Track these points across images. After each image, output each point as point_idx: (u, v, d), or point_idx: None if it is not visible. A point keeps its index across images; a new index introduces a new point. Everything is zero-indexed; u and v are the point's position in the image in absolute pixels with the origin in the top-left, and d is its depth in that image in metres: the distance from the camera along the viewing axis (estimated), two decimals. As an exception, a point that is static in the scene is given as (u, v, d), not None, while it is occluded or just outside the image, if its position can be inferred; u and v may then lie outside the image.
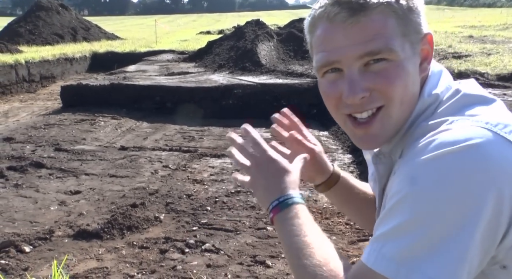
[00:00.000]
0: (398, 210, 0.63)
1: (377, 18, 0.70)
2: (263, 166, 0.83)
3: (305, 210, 0.79)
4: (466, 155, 0.61)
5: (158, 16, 53.07)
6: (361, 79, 0.72)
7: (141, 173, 4.26)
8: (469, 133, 0.63)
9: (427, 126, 0.70)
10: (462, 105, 0.71)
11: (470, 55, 8.89)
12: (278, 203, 0.79)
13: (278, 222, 0.79)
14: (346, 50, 0.71)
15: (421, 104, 0.75)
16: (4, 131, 5.75)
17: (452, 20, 23.46)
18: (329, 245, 0.75)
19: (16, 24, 15.46)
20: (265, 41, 9.30)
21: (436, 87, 0.76)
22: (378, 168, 0.81)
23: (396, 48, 0.70)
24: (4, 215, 3.38)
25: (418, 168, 0.64)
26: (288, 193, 0.80)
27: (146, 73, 8.55)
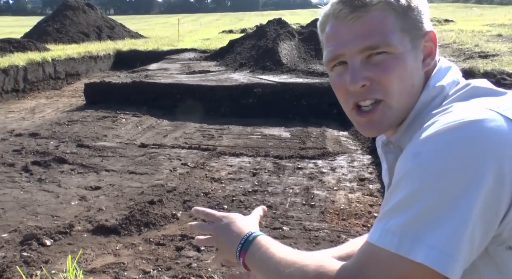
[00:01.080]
0: (401, 186, 0.65)
1: (376, 14, 0.76)
2: (220, 224, 0.92)
3: (267, 238, 0.86)
4: (466, 129, 0.63)
5: (182, 15, 53.57)
6: (362, 69, 0.77)
7: (160, 170, 4.31)
8: (470, 111, 0.66)
9: (434, 113, 0.73)
10: (469, 96, 0.73)
11: (497, 55, 8.62)
12: (242, 245, 0.86)
13: (249, 261, 0.85)
14: (348, 43, 0.77)
15: (426, 94, 0.78)
16: (31, 127, 5.91)
17: (480, 19, 22.82)
18: (303, 253, 0.80)
19: (44, 23, 15.86)
20: (286, 40, 9.27)
21: (442, 80, 0.79)
22: (388, 157, 0.86)
23: (393, 42, 0.75)
24: (28, 208, 3.48)
25: (421, 144, 0.66)
26: (247, 232, 0.88)
27: (167, 72, 8.64)
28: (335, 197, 3.62)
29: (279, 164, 4.43)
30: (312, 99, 6.36)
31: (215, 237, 0.93)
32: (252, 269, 0.85)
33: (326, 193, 3.70)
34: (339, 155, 4.70)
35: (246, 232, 0.88)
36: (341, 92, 0.83)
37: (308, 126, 5.81)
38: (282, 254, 0.79)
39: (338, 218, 3.26)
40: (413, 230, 0.62)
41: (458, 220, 0.60)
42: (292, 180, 4.01)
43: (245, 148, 4.97)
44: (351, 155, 4.70)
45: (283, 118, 6.20)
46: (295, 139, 5.33)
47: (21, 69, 8.62)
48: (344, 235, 2.99)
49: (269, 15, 14.11)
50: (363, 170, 4.24)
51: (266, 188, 3.83)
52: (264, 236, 0.87)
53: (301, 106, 6.38)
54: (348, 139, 5.37)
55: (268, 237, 0.86)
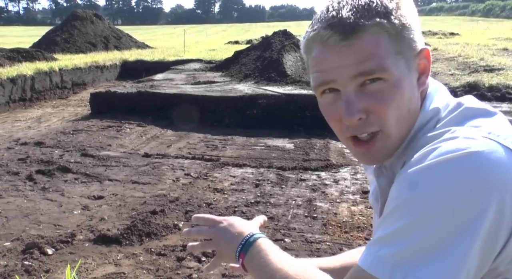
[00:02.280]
0: (397, 215, 0.63)
1: (369, 38, 0.70)
2: (220, 225, 0.92)
3: (268, 241, 0.84)
4: (467, 162, 0.61)
5: (189, 25, 54.10)
6: (357, 100, 0.72)
7: (163, 180, 4.31)
8: (471, 141, 0.63)
9: (430, 137, 0.70)
10: (464, 118, 0.71)
11: (503, 69, 8.63)
12: (242, 246, 0.84)
13: (248, 263, 0.83)
14: (340, 70, 0.72)
15: (423, 117, 0.75)
16: (36, 135, 5.96)
17: (486, 32, 22.86)
18: (300, 263, 0.78)
19: (53, 33, 16.08)
20: (291, 52, 9.32)
21: (437, 101, 0.76)
22: (380, 181, 0.81)
23: (389, 67, 0.71)
24: (31, 217, 3.49)
25: (418, 174, 0.63)
26: (248, 233, 0.86)
27: (173, 82, 8.71)
28: (338, 209, 3.60)
29: (282, 175, 4.43)
30: (316, 111, 6.26)
31: (215, 240, 0.92)
32: (250, 272, 0.83)
33: (328, 205, 3.69)
34: (342, 167, 4.69)
35: (247, 233, 0.86)
36: (334, 122, 0.78)
37: (312, 138, 5.81)
38: (279, 264, 0.77)
39: (341, 231, 3.24)
40: (407, 262, 0.60)
41: (454, 256, 0.59)
42: (294, 192, 4.00)
43: (249, 159, 4.97)
44: (354, 167, 4.69)
45: (287, 129, 6.21)
46: (298, 150, 5.32)
47: (28, 78, 8.72)
48: (346, 248, 2.97)
49: (275, 27, 14.20)
50: (367, 183, 4.22)
51: (268, 199, 3.82)
52: (265, 238, 0.85)
53: (305, 118, 6.39)
54: (349, 153, 5.36)
55: (268, 241, 0.85)
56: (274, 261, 0.78)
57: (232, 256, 0.86)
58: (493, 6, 70.45)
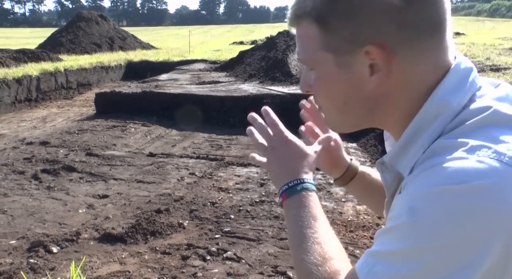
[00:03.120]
0: (394, 236, 0.60)
1: (303, 29, 0.71)
2: (279, 148, 0.84)
3: (314, 198, 0.78)
4: (474, 197, 0.54)
5: (194, 26, 54.23)
6: (306, 75, 0.75)
7: (167, 179, 4.31)
8: (485, 169, 0.55)
9: (443, 144, 0.62)
10: (488, 125, 0.61)
11: (509, 68, 8.56)
12: (288, 187, 0.79)
13: (286, 207, 0.79)
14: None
15: (428, 110, 0.66)
16: (41, 135, 5.99)
17: (492, 32, 22.73)
18: (331, 241, 0.73)
19: (58, 34, 16.17)
20: (296, 52, 9.31)
21: (453, 92, 0.65)
22: (385, 176, 0.76)
23: (313, 62, 0.71)
24: (36, 215, 3.50)
25: (419, 199, 0.58)
26: (299, 178, 0.80)
27: (177, 82, 8.72)
28: (343, 209, 3.58)
29: (287, 175, 4.41)
30: (321, 111, 6.35)
31: (268, 158, 0.85)
32: (285, 217, 0.80)
33: (333, 204, 3.67)
34: (347, 166, 4.67)
35: (299, 177, 0.80)
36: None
37: (317, 138, 5.79)
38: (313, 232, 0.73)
39: (346, 230, 3.22)
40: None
41: None
42: (299, 191, 3.99)
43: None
44: (359, 166, 4.67)
45: (292, 129, 6.16)
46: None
47: (34, 79, 8.77)
48: (351, 247, 2.95)
49: (280, 27, 14.22)
50: (372, 182, 4.20)
51: (273, 198, 3.81)
52: (313, 193, 0.79)
53: (310, 118, 6.37)
54: (357, 151, 5.34)
55: (315, 198, 0.79)
56: (311, 227, 0.74)
57: (277, 184, 0.82)
58: (499, 6, 70.09)
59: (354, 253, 2.86)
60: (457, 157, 0.58)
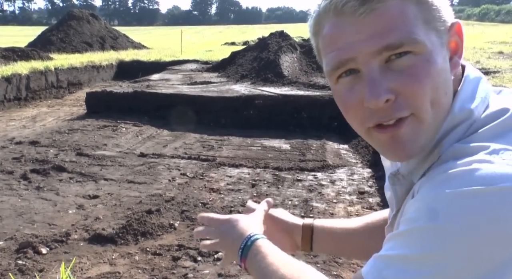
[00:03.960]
0: (410, 239, 0.56)
1: (394, 4, 0.59)
2: (222, 228, 0.89)
3: (266, 242, 0.81)
4: (502, 199, 0.52)
5: (186, 27, 54.09)
6: (383, 79, 0.60)
7: (158, 180, 4.29)
8: (510, 172, 0.53)
9: (462, 148, 0.59)
10: (507, 129, 0.59)
11: (499, 72, 8.67)
12: (242, 250, 0.81)
13: (249, 266, 0.81)
14: (360, 45, 0.60)
15: (451, 119, 0.63)
16: (31, 135, 5.92)
17: (482, 36, 22.99)
18: (298, 265, 0.75)
19: (48, 33, 16.01)
20: (288, 53, 9.33)
21: (471, 101, 0.63)
22: (396, 188, 0.71)
23: (421, 37, 0.59)
24: (25, 216, 3.46)
25: (442, 201, 0.54)
26: (246, 236, 0.83)
27: (169, 82, 8.68)
28: (334, 210, 3.60)
29: (278, 176, 4.42)
30: (312, 112, 6.37)
31: (220, 242, 0.91)
32: (251, 274, 0.81)
33: (325, 206, 3.68)
34: (339, 167, 4.69)
35: (246, 235, 0.83)
36: (354, 111, 0.65)
37: (308, 139, 5.80)
38: (276, 266, 0.75)
39: (337, 231, 3.23)
40: None
41: None
42: (291, 192, 3.99)
43: (245, 159, 4.96)
44: (351, 168, 4.69)
45: (283, 130, 6.20)
46: (295, 151, 5.32)
47: (23, 77, 8.66)
48: (342, 248, 2.96)
49: (272, 28, 14.25)
50: (363, 183, 4.22)
51: (265, 199, 3.80)
52: (263, 240, 0.81)
53: (301, 119, 6.39)
54: (348, 152, 5.36)
55: (267, 242, 0.81)
56: (271, 263, 0.76)
57: (237, 260, 0.85)
58: (488, 10, 70.94)
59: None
60: (480, 160, 0.55)
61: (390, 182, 0.73)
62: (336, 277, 2.66)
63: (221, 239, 0.89)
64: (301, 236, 1.00)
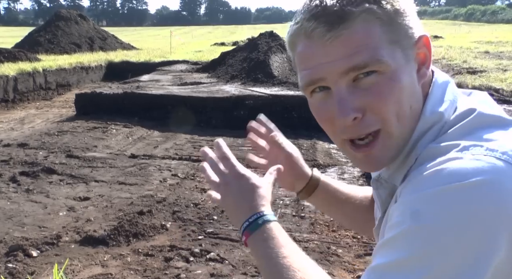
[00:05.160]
0: (398, 244, 0.58)
1: (359, 28, 0.63)
2: (232, 183, 0.80)
3: (278, 228, 0.75)
4: (477, 192, 0.54)
5: (175, 27, 53.87)
6: (351, 97, 0.65)
7: (149, 181, 4.28)
8: (482, 166, 0.56)
9: (435, 149, 0.63)
10: (475, 127, 0.63)
11: (485, 71, 8.80)
12: (249, 224, 0.75)
13: (252, 244, 0.75)
14: (329, 66, 0.65)
15: (423, 123, 0.67)
16: (19, 137, 5.86)
17: (468, 36, 23.31)
18: (310, 266, 0.71)
19: (36, 34, 15.85)
20: (278, 53, 9.35)
21: (440, 104, 0.67)
22: (379, 192, 0.75)
23: (384, 58, 0.63)
24: (15, 219, 3.42)
25: (422, 202, 0.57)
26: (258, 211, 0.76)
27: (159, 83, 8.66)
28: (325, 209, 3.62)
29: (269, 176, 4.43)
30: (303, 112, 6.39)
31: (222, 195, 0.81)
32: (253, 254, 0.76)
33: (316, 205, 3.71)
34: (329, 167, 4.72)
35: (257, 211, 0.76)
36: (327, 124, 0.70)
37: (299, 139, 5.83)
38: (289, 261, 0.70)
39: (328, 230, 3.26)
40: None
41: None
42: (282, 191, 4.01)
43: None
44: (341, 167, 4.73)
45: (274, 130, 6.21)
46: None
47: (11, 79, 8.57)
48: (334, 246, 2.99)
49: (261, 29, 14.28)
50: (354, 182, 4.26)
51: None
52: (275, 223, 0.75)
53: (292, 119, 6.41)
54: (339, 151, 5.40)
55: (278, 228, 0.75)
56: (285, 256, 0.71)
57: (236, 224, 0.78)
58: (474, 11, 71.86)
59: (337, 253, 2.90)
60: (452, 158, 0.58)
61: (373, 187, 0.76)
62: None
63: (226, 197, 0.80)
64: (305, 185, 0.98)
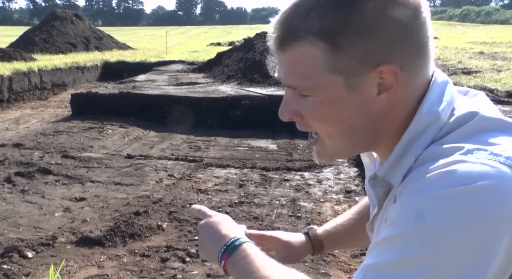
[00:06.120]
0: (398, 244, 0.58)
1: (299, 51, 0.65)
2: (208, 223, 0.88)
3: (253, 247, 0.80)
4: (481, 197, 0.55)
5: (170, 27, 53.78)
6: (292, 102, 0.71)
7: (146, 181, 4.28)
8: (487, 170, 0.56)
9: (437, 150, 0.63)
10: (477, 131, 0.63)
11: (480, 71, 8.86)
12: (226, 248, 0.80)
13: (231, 267, 0.79)
14: (280, 75, 0.71)
15: (418, 122, 0.67)
16: (14, 137, 5.83)
17: (463, 36, 23.41)
18: (293, 275, 0.73)
19: (31, 33, 15.76)
20: (274, 54, 9.36)
21: (438, 104, 0.67)
22: (376, 190, 0.76)
23: (314, 88, 0.66)
24: (10, 220, 3.41)
25: (426, 203, 0.57)
26: (233, 236, 0.82)
27: (155, 83, 8.64)
28: (322, 209, 3.64)
29: (266, 176, 4.44)
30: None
31: (200, 233, 0.89)
32: (232, 275, 0.79)
33: (312, 205, 3.72)
34: (325, 167, 4.73)
35: (233, 235, 0.82)
36: None
37: (295, 139, 5.84)
38: (269, 272, 0.73)
39: (324, 230, 3.27)
40: None
41: None
42: (278, 192, 4.02)
43: (232, 160, 4.97)
44: (337, 167, 4.74)
45: (270, 130, 6.22)
46: (282, 151, 5.35)
47: (5, 79, 8.52)
48: (330, 246, 3.00)
49: (257, 29, 14.27)
50: (350, 182, 4.27)
51: (252, 199, 3.83)
52: (251, 244, 0.80)
53: (288, 119, 6.41)
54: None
55: (255, 247, 0.79)
56: (265, 268, 0.73)
57: (214, 255, 0.82)
58: (469, 11, 72.17)
59: (333, 253, 2.91)
60: (456, 160, 0.59)
61: (370, 185, 0.77)
62: (324, 275, 2.70)
63: (203, 231, 0.88)
64: (312, 250, 1.07)
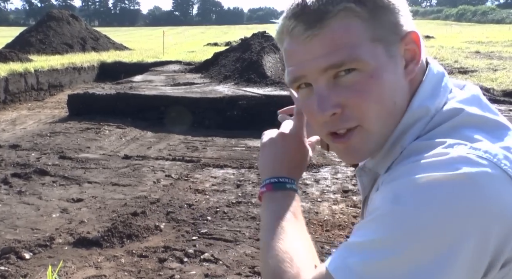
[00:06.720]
0: (374, 225, 0.59)
1: (337, 26, 0.64)
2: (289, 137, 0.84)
3: (298, 199, 0.78)
4: (456, 186, 0.56)
5: (167, 27, 53.73)
6: (330, 94, 0.66)
7: (143, 181, 4.27)
8: (465, 162, 0.58)
9: (421, 145, 0.64)
10: (461, 126, 0.65)
11: (476, 71, 8.90)
12: (277, 181, 0.78)
13: (267, 199, 0.78)
14: (308, 65, 0.67)
15: (409, 116, 0.68)
16: (11, 138, 5.81)
17: (459, 36, 23.50)
18: (306, 241, 0.72)
19: (27, 34, 15.70)
20: (270, 53, 9.37)
21: (429, 98, 0.68)
22: (362, 180, 0.78)
23: (363, 56, 0.64)
24: (6, 221, 3.40)
25: (404, 187, 0.59)
26: (292, 177, 0.79)
27: (152, 83, 8.63)
28: (319, 208, 3.64)
29: (263, 176, 4.44)
30: (296, 112, 6.41)
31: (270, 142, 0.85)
32: (262, 207, 0.78)
33: (309, 204, 3.72)
34: (323, 166, 4.74)
35: (292, 176, 0.79)
36: (312, 118, 0.72)
37: (292, 139, 5.84)
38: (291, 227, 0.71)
39: (322, 229, 3.28)
40: (372, 276, 0.57)
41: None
42: (276, 192, 4.02)
43: (229, 160, 4.97)
44: (334, 167, 4.75)
45: (266, 129, 6.22)
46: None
47: (2, 80, 8.48)
48: (327, 246, 3.01)
49: (254, 29, 14.26)
50: (347, 182, 4.28)
51: (250, 199, 3.83)
52: (297, 196, 0.78)
53: (285, 119, 6.42)
54: (332, 151, 5.42)
55: (298, 202, 0.77)
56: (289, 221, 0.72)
57: (264, 173, 0.80)
58: (465, 11, 72.43)
59: (331, 252, 2.92)
60: (437, 153, 0.60)
61: (357, 175, 0.80)
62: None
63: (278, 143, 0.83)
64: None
